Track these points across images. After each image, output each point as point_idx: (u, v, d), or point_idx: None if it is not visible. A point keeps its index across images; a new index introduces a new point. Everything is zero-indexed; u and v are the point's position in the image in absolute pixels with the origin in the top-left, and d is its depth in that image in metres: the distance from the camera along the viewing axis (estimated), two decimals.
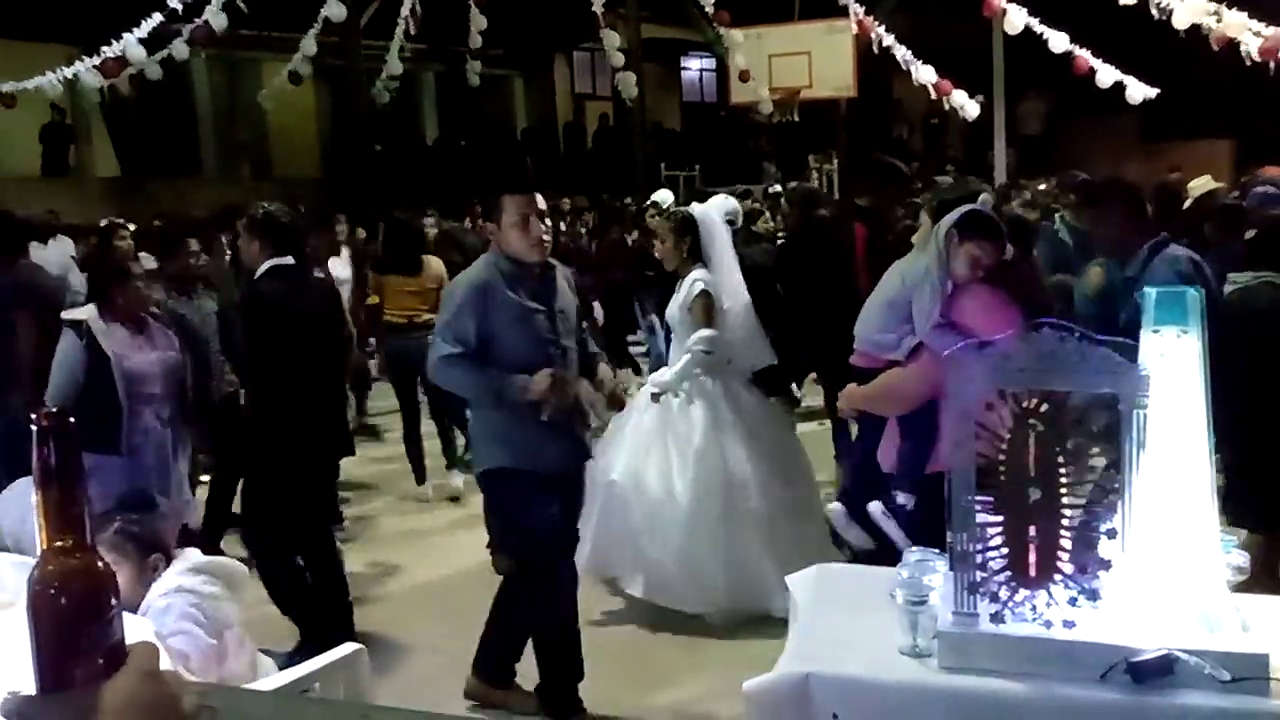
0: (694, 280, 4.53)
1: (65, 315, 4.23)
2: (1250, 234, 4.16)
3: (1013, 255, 3.40)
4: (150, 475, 4.09)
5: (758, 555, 4.37)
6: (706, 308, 4.50)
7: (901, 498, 3.06)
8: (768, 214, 10.09)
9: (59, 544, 0.88)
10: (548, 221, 3.58)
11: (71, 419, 0.89)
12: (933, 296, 3.01)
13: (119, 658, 0.87)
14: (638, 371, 9.47)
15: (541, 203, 3.55)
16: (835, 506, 3.58)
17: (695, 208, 4.80)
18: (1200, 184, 9.03)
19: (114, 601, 0.89)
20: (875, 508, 3.14)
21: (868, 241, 5.62)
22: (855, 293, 5.46)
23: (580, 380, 3.67)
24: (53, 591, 0.86)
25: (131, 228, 8.28)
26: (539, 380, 3.43)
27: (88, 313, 4.13)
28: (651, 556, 4.46)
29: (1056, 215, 6.55)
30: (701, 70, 22.51)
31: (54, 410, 0.88)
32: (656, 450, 4.54)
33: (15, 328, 4.93)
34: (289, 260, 4.21)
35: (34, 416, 0.87)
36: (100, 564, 0.89)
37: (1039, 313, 2.98)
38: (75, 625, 0.86)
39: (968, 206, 3.16)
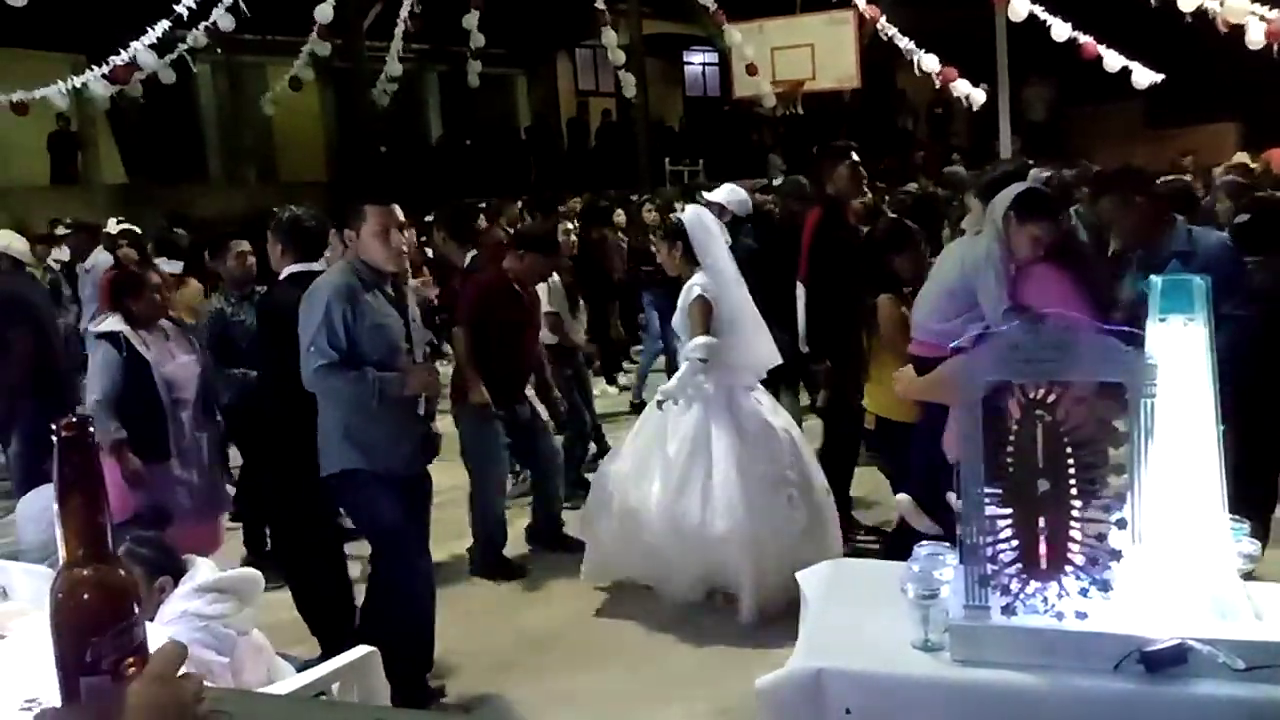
0: (690, 285, 4.48)
1: (93, 328, 4.28)
2: (1241, 218, 4.14)
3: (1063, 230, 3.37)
4: (193, 476, 4.21)
5: (741, 558, 4.31)
6: (704, 313, 4.43)
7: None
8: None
9: (80, 553, 0.89)
10: (406, 234, 3.69)
11: (92, 429, 0.90)
12: (998, 281, 2.99)
13: (142, 664, 0.88)
14: (610, 381, 9.34)
15: (400, 215, 3.63)
16: (903, 497, 3.59)
17: (688, 209, 4.76)
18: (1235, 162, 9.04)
19: (135, 609, 0.90)
20: (954, 500, 3.14)
21: (816, 228, 5.40)
22: (793, 280, 5.35)
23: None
24: (75, 601, 0.87)
25: (138, 232, 8.38)
26: (415, 373, 3.57)
27: (118, 323, 4.17)
28: (649, 549, 4.50)
29: (1071, 208, 6.51)
30: (704, 65, 22.48)
31: (74, 420, 0.89)
32: (655, 458, 4.54)
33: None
34: (313, 266, 4.17)
35: (55, 426, 0.88)
36: (121, 572, 0.90)
37: (1097, 285, 2.99)
38: (97, 634, 0.87)
39: (1023, 185, 3.13)
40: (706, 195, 4.83)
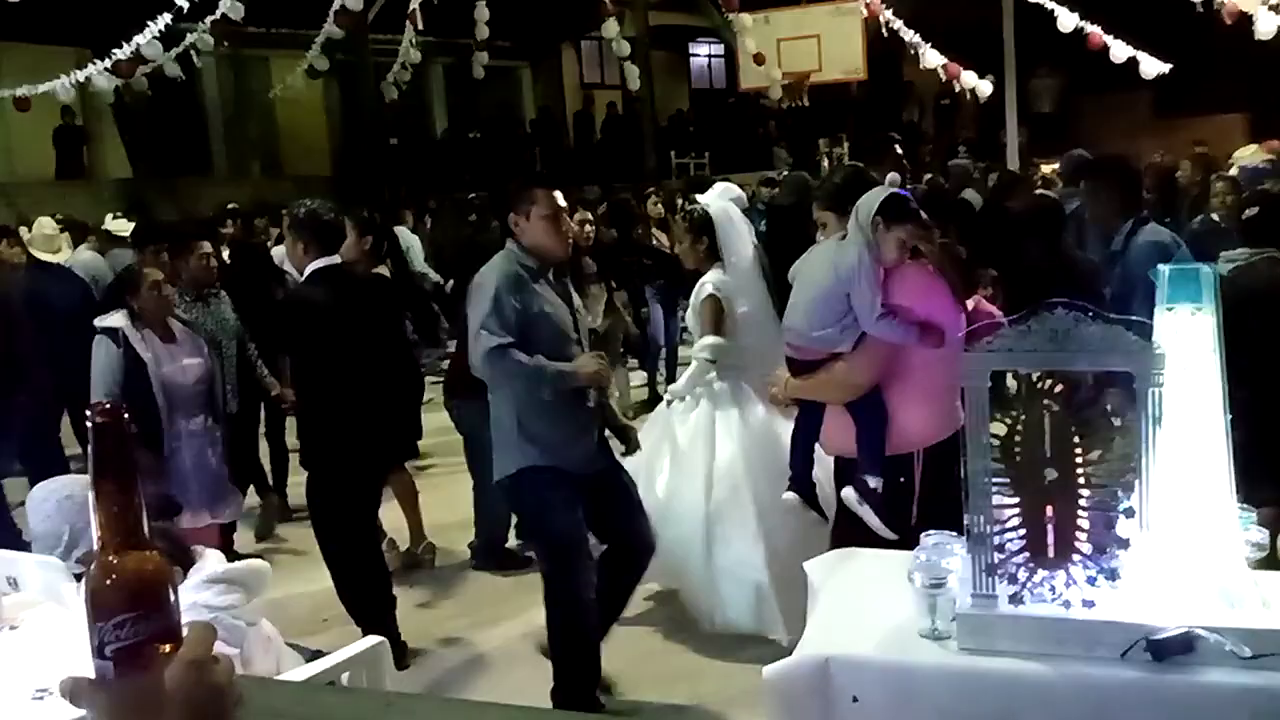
0: (703, 283, 4.36)
1: (99, 322, 4.27)
2: (1250, 211, 4.11)
3: (941, 233, 3.36)
4: (189, 479, 4.17)
5: (750, 566, 4.20)
6: (715, 312, 4.30)
7: (873, 481, 3.09)
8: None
9: (115, 538, 0.89)
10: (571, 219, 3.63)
11: (126, 415, 0.90)
12: (870, 285, 3.01)
13: (175, 649, 0.88)
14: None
15: (562, 200, 3.57)
16: (789, 496, 3.49)
17: (713, 204, 4.63)
18: (1244, 154, 8.94)
19: (171, 593, 0.90)
20: (850, 495, 3.12)
21: None
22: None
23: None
24: (108, 585, 0.88)
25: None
26: (586, 364, 3.43)
27: (121, 319, 4.18)
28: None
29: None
30: (710, 57, 22.43)
31: (108, 407, 0.90)
32: (659, 457, 4.46)
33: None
34: (334, 259, 4.09)
35: (89, 414, 0.89)
36: (156, 556, 0.91)
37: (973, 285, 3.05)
38: (132, 618, 0.87)
39: (887, 190, 3.15)
40: (698, 197, 4.68)
